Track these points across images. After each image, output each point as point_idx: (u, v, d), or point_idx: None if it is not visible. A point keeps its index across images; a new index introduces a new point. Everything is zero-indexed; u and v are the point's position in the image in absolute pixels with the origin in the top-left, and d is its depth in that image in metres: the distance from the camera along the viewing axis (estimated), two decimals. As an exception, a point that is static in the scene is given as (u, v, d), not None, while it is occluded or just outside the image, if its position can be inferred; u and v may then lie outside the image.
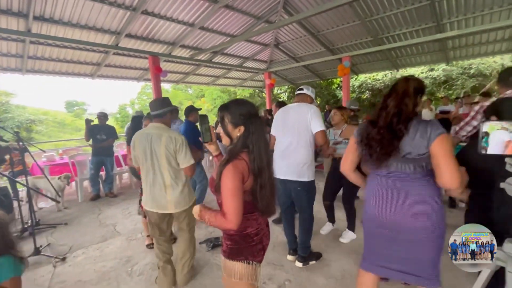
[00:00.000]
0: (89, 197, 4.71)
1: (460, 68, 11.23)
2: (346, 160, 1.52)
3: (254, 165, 1.10)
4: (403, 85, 1.31)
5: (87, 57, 5.88)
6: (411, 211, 1.27)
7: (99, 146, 4.63)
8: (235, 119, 1.14)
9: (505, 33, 5.93)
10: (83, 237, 3.22)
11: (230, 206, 1.06)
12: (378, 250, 1.42)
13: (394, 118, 1.27)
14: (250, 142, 1.11)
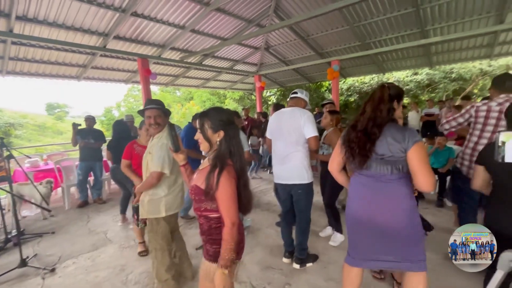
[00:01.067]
0: (76, 204, 4.54)
1: (442, 72, 11.71)
2: (333, 161, 1.64)
3: (237, 166, 1.20)
4: (379, 92, 1.43)
5: (72, 58, 5.69)
6: (389, 209, 1.39)
7: (89, 146, 4.48)
8: (214, 125, 1.20)
9: (483, 39, 6.26)
10: (73, 246, 3.09)
11: (232, 210, 1.15)
12: (363, 245, 1.51)
13: (370, 122, 1.39)
14: (231, 146, 1.20)
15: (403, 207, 1.38)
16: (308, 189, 2.34)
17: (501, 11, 4.96)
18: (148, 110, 1.95)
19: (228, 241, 1.13)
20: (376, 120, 1.38)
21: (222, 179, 1.12)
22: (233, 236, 1.14)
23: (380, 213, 1.40)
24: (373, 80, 12.95)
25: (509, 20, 5.22)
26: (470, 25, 5.58)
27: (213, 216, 1.21)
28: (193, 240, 3.02)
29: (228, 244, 1.13)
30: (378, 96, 1.42)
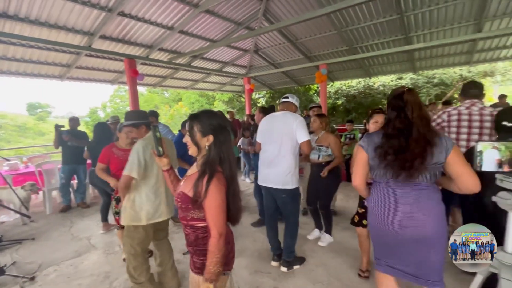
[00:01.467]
0: (58, 209, 4.38)
1: (425, 77, 12.14)
2: (358, 175, 1.51)
3: (227, 173, 1.15)
4: (413, 96, 1.33)
5: (55, 58, 5.50)
6: (426, 217, 1.32)
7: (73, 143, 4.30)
8: (204, 128, 1.15)
9: (463, 47, 6.54)
10: (54, 253, 2.98)
11: (220, 220, 1.09)
12: (391, 254, 1.46)
13: (426, 129, 1.29)
14: (221, 152, 1.15)
15: (436, 213, 1.34)
16: (293, 194, 2.36)
17: (479, 20, 5.20)
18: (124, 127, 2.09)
19: (214, 253, 1.07)
20: (430, 125, 1.31)
21: (211, 186, 1.07)
22: (220, 248, 1.08)
23: (409, 221, 1.34)
24: (360, 84, 13.25)
25: (486, 29, 5.49)
26: (451, 33, 5.81)
27: (200, 226, 1.15)
28: (180, 245, 2.98)
29: (214, 256, 1.07)
30: (417, 101, 1.32)
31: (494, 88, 14.62)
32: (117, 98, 22.83)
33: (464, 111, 2.24)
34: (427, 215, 1.32)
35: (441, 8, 5.05)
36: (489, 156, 0.96)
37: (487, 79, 12.65)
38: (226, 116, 3.04)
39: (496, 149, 0.95)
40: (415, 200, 1.34)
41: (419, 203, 1.34)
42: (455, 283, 2.15)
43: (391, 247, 1.43)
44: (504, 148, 0.95)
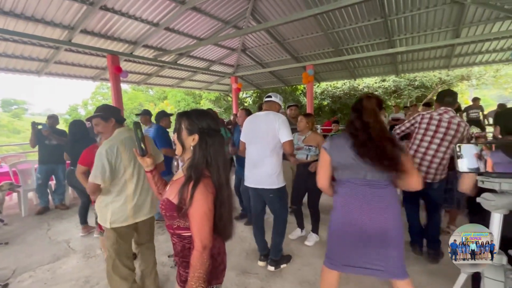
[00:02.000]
0: (34, 211, 4.16)
1: (407, 80, 12.57)
2: (323, 176, 1.59)
3: (214, 179, 1.04)
4: (369, 103, 1.46)
5: (33, 52, 5.24)
6: (386, 213, 1.42)
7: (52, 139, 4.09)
8: (191, 126, 1.07)
9: (442, 51, 6.83)
10: (30, 257, 2.82)
11: (205, 231, 0.98)
12: (347, 252, 1.52)
13: (381, 133, 1.40)
14: (208, 155, 1.04)
15: (393, 211, 1.44)
16: (280, 193, 2.37)
17: (457, 26, 5.45)
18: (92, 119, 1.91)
19: (195, 267, 0.96)
20: (384, 130, 1.42)
21: (196, 193, 0.97)
22: (203, 262, 0.97)
23: (373, 218, 1.43)
24: (345, 85, 13.52)
25: (464, 35, 5.76)
26: (431, 38, 6.05)
27: (187, 235, 1.05)
28: (165, 247, 2.91)
29: (195, 271, 0.96)
30: (373, 108, 1.44)
31: (469, 91, 15.38)
32: (99, 95, 22.06)
33: (436, 117, 2.39)
34: (386, 211, 1.43)
35: (422, 14, 5.25)
36: (467, 151, 0.98)
37: (464, 82, 13.27)
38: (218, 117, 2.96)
39: (474, 145, 0.98)
40: (377, 199, 1.44)
41: (381, 201, 1.43)
42: (440, 281, 2.23)
43: (355, 245, 1.49)
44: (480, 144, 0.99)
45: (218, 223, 1.05)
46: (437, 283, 2.19)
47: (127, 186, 1.85)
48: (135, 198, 1.88)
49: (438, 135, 2.37)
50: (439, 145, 2.37)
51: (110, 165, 1.72)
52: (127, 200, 1.85)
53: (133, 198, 1.87)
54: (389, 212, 1.43)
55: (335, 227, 1.57)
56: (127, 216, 1.86)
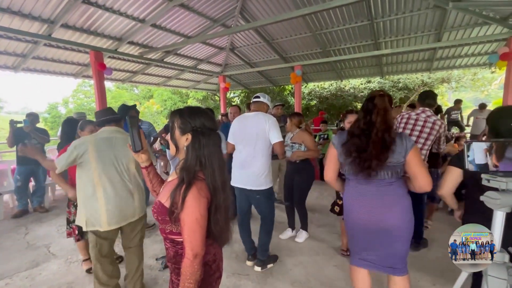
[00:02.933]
0: (11, 214, 3.93)
1: (391, 82, 12.94)
2: (330, 169, 1.61)
3: (208, 182, 0.98)
4: (382, 101, 1.43)
5: (9, 46, 4.94)
6: (391, 210, 1.45)
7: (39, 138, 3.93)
8: (184, 125, 1.00)
9: (424, 54, 7.07)
10: (6, 264, 2.65)
11: (196, 238, 0.92)
12: (362, 247, 1.58)
13: (385, 133, 1.39)
14: (202, 156, 0.98)
15: (401, 206, 1.46)
16: (267, 194, 2.37)
17: (439, 30, 5.65)
18: None
19: (185, 276, 0.91)
20: (390, 129, 1.40)
21: (188, 197, 0.91)
22: (194, 271, 0.91)
23: (383, 217, 1.45)
24: (332, 86, 13.74)
25: (445, 38, 5.98)
26: (415, 41, 6.25)
27: (180, 241, 0.99)
28: (152, 250, 2.83)
29: (185, 280, 0.91)
30: (384, 106, 1.41)
31: (448, 94, 16.05)
32: (80, 93, 21.25)
33: (413, 116, 2.57)
34: (391, 208, 1.44)
35: (407, 17, 5.40)
36: (478, 148, 0.98)
37: (444, 85, 13.82)
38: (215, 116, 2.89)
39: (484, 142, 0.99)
40: (379, 195, 1.46)
41: (383, 198, 1.45)
42: (440, 280, 2.29)
43: (362, 240, 1.55)
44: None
45: (214, 229, 1.00)
46: (423, 280, 2.25)
47: (97, 190, 1.77)
48: (108, 204, 1.76)
49: (414, 133, 2.55)
50: (415, 142, 2.52)
51: (71, 156, 1.73)
52: (100, 205, 1.76)
53: (105, 204, 1.76)
54: (391, 209, 1.45)
55: (347, 224, 1.62)
56: (101, 221, 1.76)
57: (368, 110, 1.44)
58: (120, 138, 1.88)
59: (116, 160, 1.82)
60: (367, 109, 1.45)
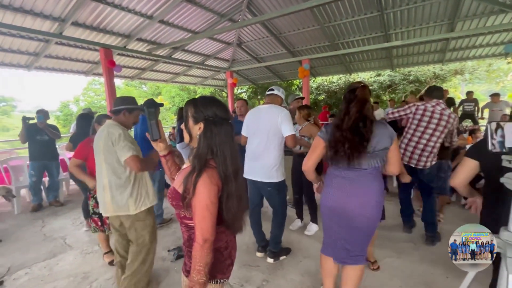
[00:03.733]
0: (28, 208, 4.07)
1: (402, 75, 12.65)
2: (310, 159, 1.63)
3: (220, 170, 1.00)
4: (362, 92, 1.48)
5: (22, 45, 5.07)
6: (370, 198, 1.51)
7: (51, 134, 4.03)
8: (197, 114, 1.03)
9: (437, 45, 6.87)
10: (25, 254, 2.76)
11: (206, 224, 0.95)
12: (333, 236, 1.64)
13: (360, 122, 1.44)
14: (214, 145, 1.00)
15: (377, 194, 1.52)
16: (279, 187, 2.37)
17: (452, 20, 5.47)
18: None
19: (196, 260, 0.95)
20: (366, 119, 1.44)
21: (199, 184, 0.95)
22: (203, 256, 0.95)
23: (357, 205, 1.50)
24: (340, 80, 13.54)
25: (458, 28, 5.79)
26: (426, 31, 6.07)
27: (192, 225, 1.02)
28: (165, 242, 2.88)
29: (196, 264, 0.95)
30: (362, 97, 1.46)
31: (461, 86, 15.58)
32: (91, 91, 21.65)
33: (429, 109, 2.55)
34: (372, 196, 1.50)
35: (419, 7, 5.25)
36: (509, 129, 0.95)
37: (457, 77, 13.42)
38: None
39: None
40: (365, 183, 1.50)
41: (367, 185, 1.51)
42: (453, 273, 2.26)
43: (336, 226, 1.60)
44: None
45: (226, 216, 1.02)
46: (436, 273, 2.22)
47: (100, 177, 1.87)
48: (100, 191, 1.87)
49: (430, 126, 2.54)
50: (431, 135, 2.55)
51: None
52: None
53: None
54: (372, 196, 1.50)
55: (325, 212, 1.66)
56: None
57: (350, 101, 1.50)
58: (101, 130, 1.85)
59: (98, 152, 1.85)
60: (348, 100, 1.51)
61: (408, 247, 2.64)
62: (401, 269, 2.28)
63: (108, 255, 2.54)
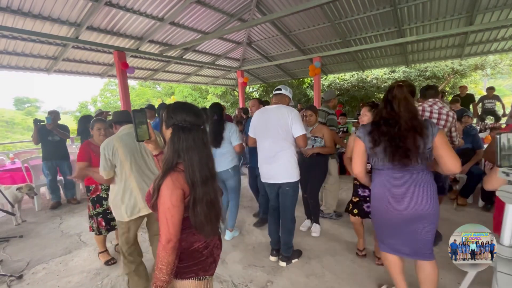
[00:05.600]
0: (47, 206, 4.28)
1: (417, 71, 12.19)
2: (359, 164, 1.63)
3: (188, 178, 1.01)
4: (400, 91, 1.46)
5: (41, 50, 5.32)
6: (425, 197, 1.46)
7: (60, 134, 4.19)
8: (168, 119, 1.06)
9: (455, 40, 6.57)
10: (43, 250, 2.91)
11: (168, 225, 0.98)
12: (392, 235, 1.61)
13: (414, 120, 1.43)
14: (181, 150, 1.02)
15: (433, 192, 1.48)
16: (296, 187, 2.35)
17: (471, 13, 5.21)
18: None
19: (159, 259, 0.99)
20: (417, 116, 1.44)
21: (162, 186, 0.98)
22: (165, 255, 0.98)
23: (417, 202, 1.46)
24: (353, 77, 13.25)
25: (478, 22, 5.51)
26: (443, 26, 5.82)
27: None
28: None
29: (159, 262, 0.99)
30: (403, 96, 1.45)
31: (483, 82, 14.83)
32: (107, 92, 22.37)
33: (427, 108, 2.47)
34: (424, 196, 1.46)
35: (434, 0, 5.04)
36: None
37: (477, 72, 12.80)
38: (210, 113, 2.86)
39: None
40: (413, 183, 1.47)
41: (417, 186, 1.46)
42: (451, 276, 2.19)
43: (393, 228, 1.57)
44: None
45: (192, 220, 1.03)
46: (446, 278, 2.14)
47: (130, 179, 1.93)
48: (140, 191, 1.94)
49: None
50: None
51: (106, 160, 1.87)
52: (136, 193, 1.94)
53: (139, 191, 1.94)
54: (424, 196, 1.46)
55: (377, 213, 1.63)
56: (139, 208, 1.95)
57: (388, 101, 1.50)
58: None
59: (142, 150, 1.99)
60: (387, 100, 1.51)
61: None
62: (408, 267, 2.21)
63: (104, 254, 2.64)
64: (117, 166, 1.91)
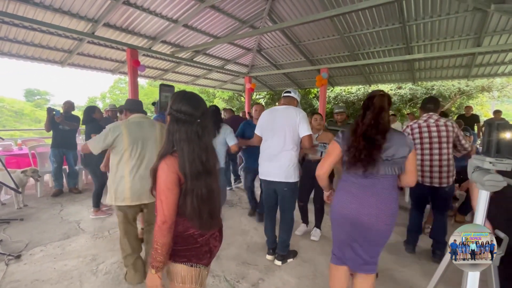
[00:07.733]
0: (50, 193, 4.35)
1: (424, 88, 12.24)
2: (325, 164, 1.60)
3: (180, 165, 1.03)
4: (379, 100, 1.47)
5: (58, 43, 5.50)
6: (388, 206, 1.47)
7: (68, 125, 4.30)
8: (169, 108, 1.08)
9: (462, 60, 6.64)
10: (42, 234, 2.97)
11: (163, 206, 1.02)
12: (345, 246, 1.59)
13: (373, 130, 1.44)
14: (174, 140, 1.05)
15: (393, 202, 1.49)
16: (294, 188, 2.39)
17: (479, 35, 5.29)
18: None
19: (155, 239, 1.03)
20: (379, 127, 1.43)
21: (158, 169, 1.04)
22: (160, 236, 1.01)
23: (373, 212, 1.46)
24: (359, 91, 13.34)
25: (485, 43, 5.59)
26: (451, 45, 5.90)
27: None
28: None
29: (155, 243, 1.03)
30: (379, 105, 1.45)
31: (491, 105, 14.79)
32: (117, 89, 22.76)
33: (423, 124, 2.48)
34: (388, 204, 1.47)
35: (443, 20, 5.14)
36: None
37: (484, 94, 12.81)
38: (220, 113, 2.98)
39: None
40: (381, 191, 1.47)
41: (384, 194, 1.47)
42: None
43: (348, 236, 1.55)
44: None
45: (181, 210, 1.06)
46: None
47: (124, 167, 1.98)
48: (130, 181, 1.97)
49: (434, 140, 2.45)
50: (439, 148, 2.44)
51: (106, 138, 1.92)
52: (125, 181, 1.97)
53: (129, 181, 1.97)
54: (390, 205, 1.46)
55: (337, 219, 1.60)
56: (124, 197, 1.97)
57: (367, 108, 1.50)
58: (148, 122, 2.12)
59: (146, 141, 2.04)
60: (365, 107, 1.51)
61: (412, 261, 2.57)
62: (404, 281, 2.22)
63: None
64: (117, 151, 1.97)
